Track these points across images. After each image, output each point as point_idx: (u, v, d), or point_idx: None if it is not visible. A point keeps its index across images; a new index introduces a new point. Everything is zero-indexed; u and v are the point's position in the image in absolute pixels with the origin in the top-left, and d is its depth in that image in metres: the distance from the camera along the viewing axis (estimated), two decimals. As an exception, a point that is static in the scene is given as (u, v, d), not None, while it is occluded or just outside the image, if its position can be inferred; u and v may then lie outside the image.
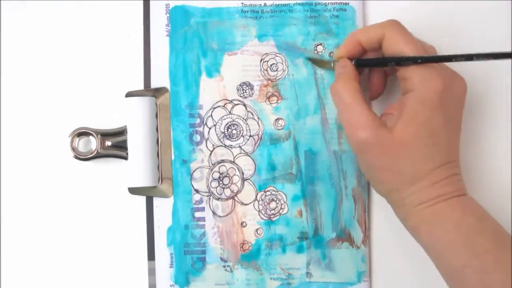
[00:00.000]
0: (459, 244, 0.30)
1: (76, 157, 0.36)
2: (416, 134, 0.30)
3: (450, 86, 0.30)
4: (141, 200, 0.38)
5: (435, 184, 0.31)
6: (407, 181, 0.31)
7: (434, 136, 0.30)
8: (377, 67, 0.35)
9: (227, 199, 0.37)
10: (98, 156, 0.37)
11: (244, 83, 0.38)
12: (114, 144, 0.37)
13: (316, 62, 0.37)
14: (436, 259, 0.31)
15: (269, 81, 0.38)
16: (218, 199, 0.37)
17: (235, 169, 0.37)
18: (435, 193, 0.31)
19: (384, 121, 0.32)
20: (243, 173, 0.37)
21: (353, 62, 0.34)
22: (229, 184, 0.37)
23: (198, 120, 0.37)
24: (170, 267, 0.37)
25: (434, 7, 0.38)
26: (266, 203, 0.37)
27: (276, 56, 0.38)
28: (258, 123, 0.38)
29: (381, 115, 0.33)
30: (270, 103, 0.38)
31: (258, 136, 0.38)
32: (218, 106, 0.38)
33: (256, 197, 0.37)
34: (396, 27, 0.32)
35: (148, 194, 0.37)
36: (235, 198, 0.37)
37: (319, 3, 0.38)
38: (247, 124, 0.38)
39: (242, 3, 0.38)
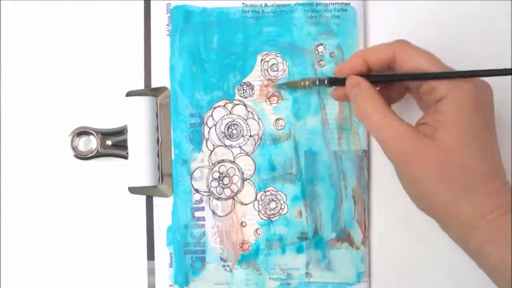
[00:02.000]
0: None
1: (76, 157, 0.37)
2: (460, 137, 0.28)
3: (479, 90, 0.29)
4: (141, 199, 0.38)
5: (493, 193, 0.28)
6: (462, 190, 0.28)
7: (478, 139, 0.29)
8: (390, 84, 0.34)
9: (227, 199, 0.37)
10: (98, 155, 0.37)
11: (244, 83, 0.38)
12: (114, 143, 0.37)
13: (292, 84, 0.37)
14: (508, 285, 0.28)
15: (270, 81, 0.38)
16: (218, 199, 0.37)
17: (235, 169, 0.38)
18: (496, 202, 0.28)
19: (420, 131, 0.30)
20: (243, 173, 0.37)
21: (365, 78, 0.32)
22: (229, 184, 0.37)
23: (198, 120, 0.38)
24: (170, 266, 0.37)
25: (435, 7, 0.38)
26: (266, 203, 0.37)
27: (277, 56, 0.38)
28: (258, 123, 0.38)
29: (415, 126, 0.31)
30: (271, 103, 0.38)
31: (258, 136, 0.38)
32: (219, 106, 0.38)
33: (256, 197, 0.37)
34: (408, 45, 0.31)
35: (148, 193, 0.37)
36: (235, 198, 0.37)
37: (320, 4, 0.38)
38: (247, 124, 0.38)
39: (243, 3, 0.38)
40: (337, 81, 0.33)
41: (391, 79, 0.32)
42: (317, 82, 0.34)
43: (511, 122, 0.38)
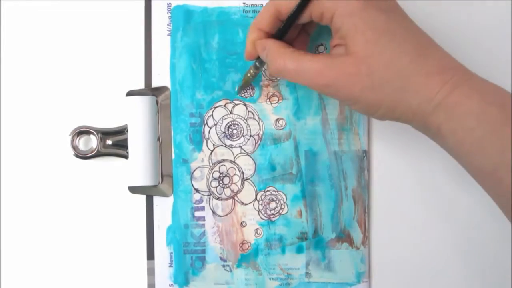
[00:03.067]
0: (486, 141, 0.26)
1: (77, 156, 0.37)
2: (367, 40, 0.28)
3: None
4: (141, 199, 0.38)
5: (431, 73, 0.28)
6: (399, 86, 0.28)
7: (386, 32, 0.28)
8: (294, 31, 0.33)
9: (227, 198, 0.37)
10: (98, 154, 0.37)
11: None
12: (115, 143, 0.37)
13: (245, 81, 0.36)
14: (464, 163, 0.28)
15: (270, 81, 0.38)
16: (218, 198, 0.37)
17: (235, 169, 0.38)
18: (438, 81, 0.27)
19: (334, 55, 0.30)
20: (243, 173, 0.37)
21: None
22: (229, 184, 0.37)
23: (198, 120, 0.38)
24: (170, 266, 0.37)
25: (434, 7, 0.38)
26: (266, 203, 0.37)
27: (277, 56, 0.38)
28: (258, 123, 0.38)
29: (329, 53, 0.32)
30: (271, 103, 0.38)
31: (259, 136, 0.38)
32: (219, 106, 0.38)
33: (256, 197, 0.37)
34: None
35: (148, 193, 0.37)
36: (235, 197, 0.37)
37: (320, 4, 0.38)
38: (247, 124, 0.38)
39: (244, 3, 0.38)
40: (284, 29, 0.32)
41: (284, 28, 0.32)
42: (256, 66, 0.34)
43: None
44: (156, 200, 0.37)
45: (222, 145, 0.38)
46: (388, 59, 0.28)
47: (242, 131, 0.38)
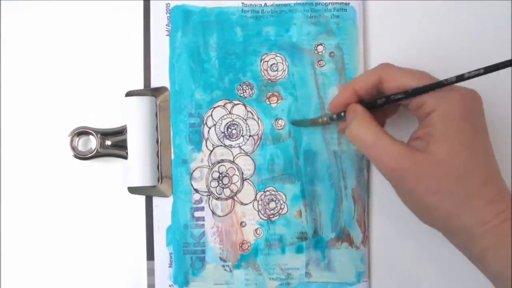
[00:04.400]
0: None
1: (76, 156, 0.37)
2: (452, 149, 0.29)
3: (466, 98, 0.30)
4: (141, 199, 0.38)
5: (491, 200, 0.29)
6: (460, 200, 0.29)
7: (470, 149, 0.29)
8: (384, 106, 0.34)
9: (226, 198, 0.37)
10: (97, 155, 0.37)
11: (244, 82, 0.38)
12: (114, 143, 0.37)
13: (311, 123, 0.37)
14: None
15: (269, 81, 0.38)
16: (217, 198, 0.37)
17: (234, 169, 0.37)
18: (495, 209, 0.28)
19: (413, 146, 0.31)
20: (242, 173, 0.37)
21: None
22: (229, 184, 0.37)
23: (198, 120, 0.37)
24: (169, 266, 0.37)
25: (435, 7, 0.38)
26: (265, 203, 0.37)
27: (276, 56, 0.38)
28: (258, 123, 0.38)
29: (407, 142, 0.32)
30: (270, 103, 0.38)
31: (258, 136, 0.38)
32: (218, 106, 0.38)
33: (255, 197, 0.37)
34: (391, 66, 0.32)
35: (148, 193, 0.37)
36: (235, 198, 0.37)
37: (319, 3, 0.38)
38: (247, 124, 0.38)
39: (243, 3, 0.38)
40: (374, 103, 0.33)
41: (382, 103, 0.32)
42: (332, 118, 0.35)
43: (511, 122, 0.38)
44: (156, 200, 0.37)
45: (221, 145, 0.38)
46: (462, 174, 0.29)
47: (241, 131, 0.38)
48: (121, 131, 0.37)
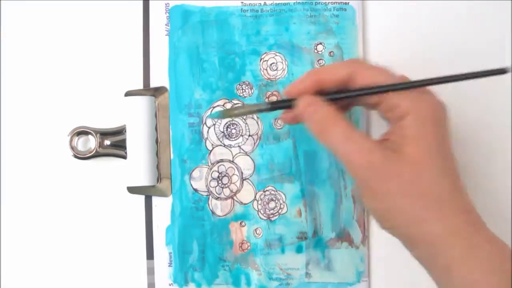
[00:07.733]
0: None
1: (75, 156, 0.37)
2: (428, 151, 0.28)
3: (438, 103, 0.29)
4: (140, 199, 0.38)
5: (463, 209, 0.27)
6: (430, 205, 0.27)
7: (442, 153, 0.28)
8: (342, 101, 0.32)
9: (226, 198, 0.37)
10: (97, 155, 0.37)
11: (243, 82, 0.38)
12: (113, 143, 0.37)
13: (231, 112, 0.33)
14: None
15: (269, 81, 0.38)
16: (217, 198, 0.37)
17: (234, 169, 0.37)
18: (465, 218, 0.27)
19: (385, 145, 0.29)
20: (242, 173, 0.37)
21: (322, 98, 0.30)
22: (228, 184, 0.37)
23: (197, 120, 0.37)
24: (169, 266, 0.37)
25: (434, 6, 0.38)
26: (265, 202, 0.37)
27: (276, 55, 0.38)
28: (257, 123, 0.38)
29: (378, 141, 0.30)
30: (270, 103, 0.38)
31: (258, 136, 0.38)
32: (218, 106, 0.38)
33: (255, 196, 0.37)
34: (364, 63, 0.30)
35: (147, 193, 0.37)
36: (234, 197, 0.37)
37: (319, 3, 0.37)
38: (246, 123, 0.38)
39: (242, 2, 0.38)
40: (282, 105, 0.32)
41: (348, 95, 0.30)
42: (270, 109, 0.32)
43: (511, 122, 0.38)
44: (155, 200, 0.37)
45: (221, 145, 0.37)
46: (435, 176, 0.27)
47: (241, 131, 0.38)
48: (121, 131, 0.37)
